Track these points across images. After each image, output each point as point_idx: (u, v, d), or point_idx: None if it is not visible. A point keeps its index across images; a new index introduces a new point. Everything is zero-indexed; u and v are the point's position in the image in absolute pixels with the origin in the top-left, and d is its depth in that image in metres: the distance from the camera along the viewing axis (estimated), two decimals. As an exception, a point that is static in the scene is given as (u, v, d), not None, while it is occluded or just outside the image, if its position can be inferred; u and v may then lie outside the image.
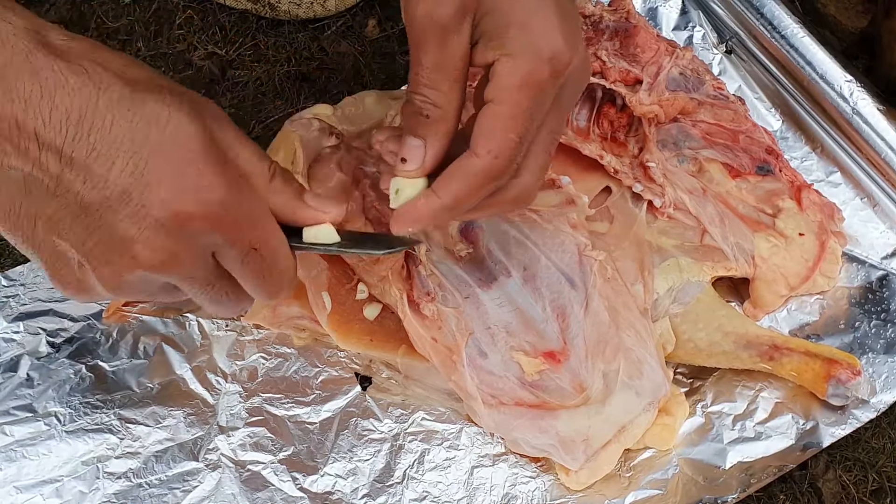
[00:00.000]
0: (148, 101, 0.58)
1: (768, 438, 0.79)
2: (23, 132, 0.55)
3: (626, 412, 0.76)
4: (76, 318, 0.85)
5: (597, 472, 0.77)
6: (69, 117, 0.56)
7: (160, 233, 0.58)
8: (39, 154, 0.56)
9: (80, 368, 0.82)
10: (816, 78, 0.95)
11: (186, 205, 0.58)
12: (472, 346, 0.77)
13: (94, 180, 0.57)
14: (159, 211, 0.57)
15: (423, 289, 0.78)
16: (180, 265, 0.59)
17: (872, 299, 0.86)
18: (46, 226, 0.58)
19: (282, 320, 0.83)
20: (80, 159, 0.56)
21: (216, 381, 0.82)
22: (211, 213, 0.58)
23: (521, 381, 0.77)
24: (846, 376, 0.78)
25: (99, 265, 0.59)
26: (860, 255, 0.89)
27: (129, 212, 0.57)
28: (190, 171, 0.58)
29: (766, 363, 0.79)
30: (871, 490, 0.80)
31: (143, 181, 0.57)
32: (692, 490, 0.77)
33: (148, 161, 0.57)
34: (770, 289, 0.84)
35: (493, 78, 0.65)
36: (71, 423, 0.80)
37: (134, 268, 0.59)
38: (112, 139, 0.56)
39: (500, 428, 0.77)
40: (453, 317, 0.78)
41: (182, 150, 0.58)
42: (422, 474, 0.78)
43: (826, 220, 0.87)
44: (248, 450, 0.79)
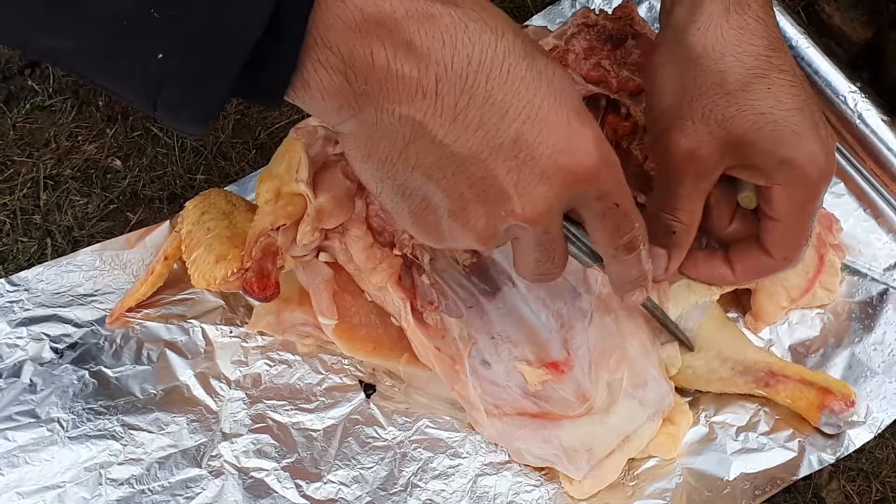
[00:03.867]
0: (536, 52, 0.59)
1: (771, 450, 0.79)
2: (422, 79, 0.56)
3: (630, 421, 0.76)
4: (80, 323, 0.85)
5: (601, 481, 0.76)
6: (470, 63, 0.56)
7: (544, 184, 0.59)
8: (435, 101, 0.56)
9: (84, 374, 0.82)
10: (821, 88, 0.95)
11: (576, 157, 0.59)
12: (476, 355, 0.77)
13: (486, 128, 0.57)
14: (546, 162, 0.58)
15: (427, 298, 0.78)
16: (550, 218, 0.61)
17: (873, 314, 0.86)
18: (425, 174, 0.59)
19: (286, 327, 0.83)
20: (475, 105, 0.57)
21: (220, 387, 0.82)
22: (594, 167, 0.59)
23: (523, 391, 0.77)
24: (839, 407, 0.78)
25: (474, 215, 0.60)
26: (862, 268, 0.88)
27: (517, 162, 0.58)
28: (575, 125, 0.59)
29: (762, 389, 0.79)
30: (875, 500, 0.80)
31: (535, 131, 0.58)
32: (696, 501, 0.77)
33: (538, 112, 0.58)
34: (771, 300, 0.84)
35: (774, 202, 0.73)
36: (74, 429, 0.80)
37: (509, 218, 0.60)
38: (508, 87, 0.57)
39: (503, 438, 0.77)
40: (456, 326, 0.78)
41: (567, 104, 0.59)
42: (425, 482, 0.78)
43: (825, 232, 0.87)
44: (251, 456, 0.79)
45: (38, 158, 0.94)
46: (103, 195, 0.93)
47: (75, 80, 0.98)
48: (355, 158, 0.61)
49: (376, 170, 0.60)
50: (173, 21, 0.51)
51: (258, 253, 0.76)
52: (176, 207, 0.91)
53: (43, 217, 0.91)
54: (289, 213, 0.77)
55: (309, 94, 0.56)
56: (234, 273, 0.77)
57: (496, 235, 0.61)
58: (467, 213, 0.60)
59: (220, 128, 0.96)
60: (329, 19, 0.53)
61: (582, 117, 0.60)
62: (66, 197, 0.93)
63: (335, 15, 0.53)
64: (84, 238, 0.90)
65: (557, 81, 0.59)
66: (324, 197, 0.78)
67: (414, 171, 0.59)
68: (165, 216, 0.91)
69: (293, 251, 0.79)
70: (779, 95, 0.70)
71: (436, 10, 0.55)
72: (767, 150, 0.71)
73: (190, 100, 0.54)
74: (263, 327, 0.83)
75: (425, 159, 0.58)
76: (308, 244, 0.79)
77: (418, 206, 0.61)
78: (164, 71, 0.52)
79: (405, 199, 0.61)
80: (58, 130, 0.96)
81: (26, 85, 0.99)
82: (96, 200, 0.92)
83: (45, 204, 0.92)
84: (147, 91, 0.53)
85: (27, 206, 0.92)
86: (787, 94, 0.71)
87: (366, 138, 0.59)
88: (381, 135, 0.58)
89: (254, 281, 0.75)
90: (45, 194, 0.92)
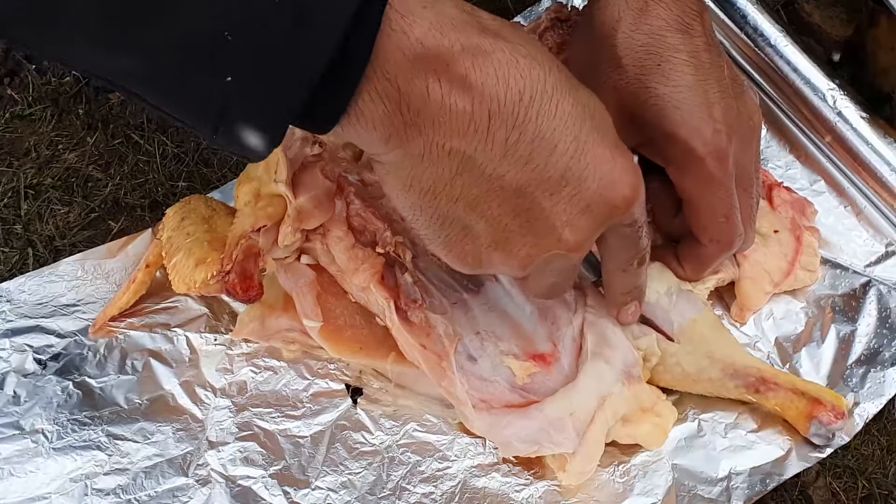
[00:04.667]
0: (579, 87, 0.60)
1: (760, 447, 0.79)
2: (475, 115, 0.56)
3: (599, 379, 0.76)
4: (63, 334, 0.84)
5: (589, 457, 0.76)
6: (521, 98, 0.57)
7: (588, 216, 0.61)
8: (486, 136, 0.57)
9: (68, 385, 0.82)
10: (800, 86, 0.95)
11: (619, 190, 0.61)
12: (462, 351, 0.77)
13: (535, 163, 0.58)
14: (592, 196, 0.60)
15: (410, 296, 0.78)
16: (588, 246, 0.63)
17: (856, 306, 0.87)
18: (469, 205, 0.60)
19: (271, 333, 0.83)
20: (525, 141, 0.57)
21: (205, 395, 0.82)
22: (632, 198, 0.62)
23: (511, 385, 0.77)
24: (828, 419, 0.78)
25: (517, 246, 0.61)
26: (844, 263, 0.89)
27: (565, 195, 0.59)
28: (618, 158, 0.61)
29: (752, 395, 0.79)
30: (861, 497, 0.80)
31: (581, 165, 0.59)
32: (685, 498, 0.77)
33: (585, 146, 0.59)
34: (755, 286, 0.84)
35: (676, 183, 0.75)
36: (58, 440, 0.79)
37: (552, 249, 0.62)
38: (557, 123, 0.58)
39: (492, 429, 0.77)
40: (442, 323, 0.78)
41: (609, 137, 0.61)
42: (414, 486, 0.78)
43: (798, 216, 0.87)
44: (238, 464, 0.79)
45: (19, 168, 0.94)
46: (84, 204, 0.92)
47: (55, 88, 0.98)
48: (394, 188, 0.61)
49: (417, 199, 0.61)
50: (246, 44, 0.51)
51: (240, 255, 0.76)
52: (158, 215, 0.90)
53: (24, 227, 0.91)
54: (269, 214, 0.77)
55: (362, 124, 0.56)
56: (214, 276, 0.77)
57: (536, 264, 0.63)
58: (510, 243, 0.62)
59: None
60: (390, 50, 0.54)
61: (622, 150, 0.62)
62: (47, 206, 0.92)
63: (396, 46, 0.54)
64: (66, 247, 0.90)
65: (599, 115, 0.61)
66: (304, 197, 0.78)
67: (458, 202, 0.60)
68: (147, 224, 0.90)
69: (275, 253, 0.79)
70: (667, 72, 0.73)
71: (489, 46, 0.56)
72: (653, 125, 0.73)
73: (252, 126, 0.53)
74: (248, 334, 0.83)
75: (471, 191, 0.59)
76: (290, 245, 0.79)
77: (457, 236, 0.62)
78: (230, 94, 0.52)
79: (444, 229, 0.62)
80: (38, 139, 0.96)
81: (5, 94, 0.99)
82: (77, 209, 0.92)
83: (26, 214, 0.91)
84: (210, 116, 0.53)
85: (8, 216, 0.91)
86: (678, 72, 0.73)
87: (410, 169, 0.59)
88: (427, 166, 0.58)
89: (237, 283, 0.75)
90: (26, 204, 0.92)
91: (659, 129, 0.73)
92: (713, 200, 0.75)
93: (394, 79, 0.54)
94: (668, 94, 0.73)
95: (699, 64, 0.74)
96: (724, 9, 0.99)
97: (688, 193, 0.75)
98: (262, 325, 0.82)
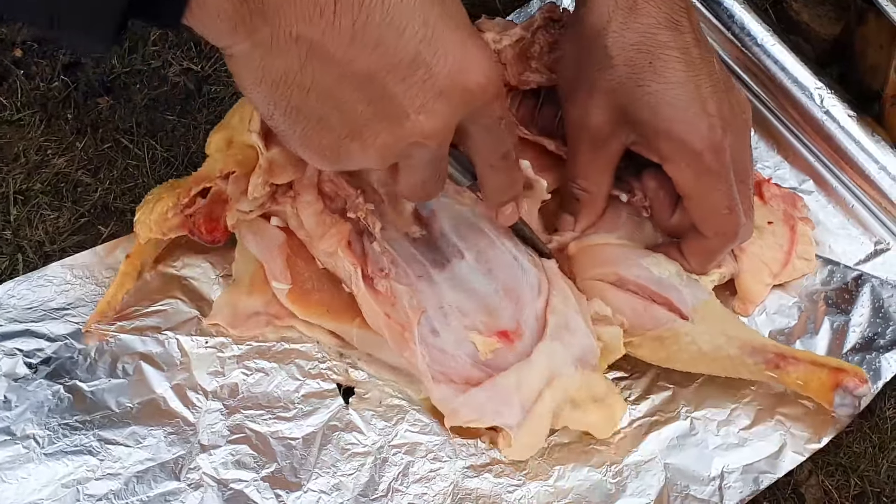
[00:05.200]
0: None
1: (752, 444, 0.79)
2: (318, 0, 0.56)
3: (551, 358, 0.76)
4: (53, 337, 0.84)
5: (534, 433, 0.75)
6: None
7: (442, 101, 0.60)
8: (333, 20, 0.57)
9: (59, 389, 0.81)
10: (788, 85, 0.95)
11: (473, 75, 0.60)
12: (425, 324, 0.77)
13: (384, 47, 0.58)
14: (445, 80, 0.60)
15: (377, 265, 0.78)
16: (446, 134, 0.62)
17: (849, 299, 0.87)
18: (321, 94, 0.59)
19: (244, 318, 0.83)
20: (373, 25, 0.57)
21: (197, 398, 0.82)
22: (488, 85, 0.61)
23: (473, 360, 0.77)
24: (854, 384, 0.77)
25: (372, 133, 0.61)
26: (835, 259, 0.89)
27: (417, 79, 0.59)
28: (470, 45, 0.60)
29: (772, 371, 0.78)
30: (854, 495, 0.80)
31: (432, 50, 0.59)
32: (678, 498, 0.77)
33: (435, 32, 0.59)
34: (755, 278, 0.85)
35: (673, 180, 0.76)
36: (50, 446, 0.79)
37: (408, 136, 0.61)
38: (404, 8, 0.57)
39: (445, 399, 0.77)
40: (406, 294, 0.78)
41: (462, 25, 0.60)
42: (406, 487, 0.78)
43: (790, 208, 0.88)
44: (230, 468, 0.78)
45: (8, 173, 0.93)
46: (74, 209, 0.92)
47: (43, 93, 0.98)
48: (246, 81, 0.61)
49: (269, 92, 0.60)
50: None
51: (209, 199, 0.77)
52: (148, 219, 0.90)
53: (13, 232, 0.90)
54: (238, 161, 0.78)
55: (206, 14, 0.55)
56: (171, 208, 0.78)
57: (394, 154, 0.63)
58: (366, 132, 0.61)
59: (190, 137, 0.95)
60: None
61: (475, 38, 0.61)
62: (37, 211, 0.92)
63: None
64: (55, 252, 0.89)
65: (450, 3, 0.60)
66: (276, 149, 0.78)
67: (310, 92, 0.59)
68: (137, 228, 0.90)
69: (241, 204, 0.79)
70: (659, 69, 0.73)
71: None
72: (647, 122, 0.74)
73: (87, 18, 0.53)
74: (220, 320, 0.83)
75: (322, 80, 0.59)
76: (258, 197, 0.79)
77: (313, 128, 0.62)
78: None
79: (299, 122, 0.61)
80: (27, 145, 0.95)
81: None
82: (67, 214, 0.92)
83: (16, 219, 0.91)
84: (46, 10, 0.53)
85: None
86: (670, 69, 0.74)
87: (259, 60, 0.59)
88: (276, 56, 0.58)
89: (201, 222, 0.77)
90: (16, 209, 0.92)
91: (654, 127, 0.74)
92: (714, 194, 0.75)
93: None
94: (661, 91, 0.73)
95: (690, 60, 0.74)
96: (710, 8, 0.99)
97: (688, 189, 0.76)
98: (235, 309, 0.83)
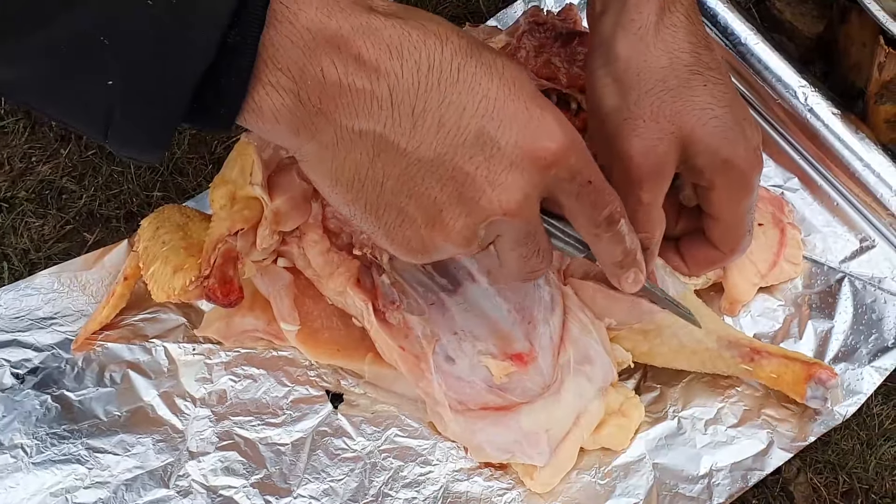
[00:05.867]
0: (482, 49, 0.59)
1: (740, 442, 0.79)
2: (375, 91, 0.56)
3: (580, 397, 0.77)
4: (40, 347, 0.84)
5: (559, 469, 0.77)
6: (419, 69, 0.56)
7: (514, 173, 0.59)
8: (392, 111, 0.56)
9: (46, 399, 0.81)
10: (772, 83, 0.96)
11: (540, 141, 0.59)
12: (440, 352, 0.77)
13: (446, 128, 0.57)
14: (513, 151, 0.59)
15: (388, 297, 0.78)
16: (528, 207, 0.61)
17: (832, 303, 0.87)
18: (395, 186, 0.59)
19: (235, 333, 0.83)
20: (432, 109, 0.57)
21: (185, 405, 0.82)
22: (560, 149, 0.60)
23: (488, 385, 0.77)
24: (826, 375, 0.78)
25: (452, 217, 0.60)
26: (819, 259, 0.89)
27: (485, 156, 0.58)
28: (534, 110, 0.59)
29: (747, 364, 0.79)
30: (842, 492, 0.80)
31: (495, 123, 0.58)
32: (667, 497, 0.77)
33: (496, 104, 0.58)
34: (742, 276, 0.85)
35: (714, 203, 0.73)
36: (38, 455, 0.79)
37: (490, 214, 0.60)
38: (461, 86, 0.57)
39: (465, 433, 0.77)
40: (419, 324, 0.78)
41: (523, 92, 0.59)
42: (396, 491, 0.78)
43: (777, 212, 0.88)
44: (219, 474, 0.78)
45: (-8, 181, 0.93)
46: (59, 216, 0.92)
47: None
48: (323, 185, 0.61)
49: (346, 192, 0.60)
50: (122, 46, 0.51)
51: (219, 259, 0.76)
52: (133, 226, 0.90)
53: (-2, 241, 0.90)
54: (245, 217, 0.77)
55: (262, 119, 0.56)
56: (192, 281, 0.77)
57: (477, 235, 0.61)
58: (444, 217, 0.60)
59: (175, 143, 0.95)
60: (278, 40, 0.54)
61: (539, 101, 0.60)
62: (22, 219, 0.91)
63: (284, 36, 0.54)
64: (41, 260, 0.89)
65: (508, 72, 0.59)
66: (280, 199, 0.78)
67: (384, 185, 0.59)
68: (123, 235, 0.90)
69: (253, 255, 0.79)
70: (714, 92, 0.71)
71: (379, 24, 0.56)
72: (712, 149, 0.71)
73: (140, 128, 0.54)
74: (213, 332, 0.83)
75: (393, 171, 0.58)
76: (267, 248, 0.79)
77: (394, 222, 0.61)
78: (113, 98, 0.52)
79: (381, 218, 0.61)
80: (11, 152, 0.95)
81: (-24, 108, 0.98)
82: (52, 222, 0.91)
83: (1, 227, 0.91)
84: (97, 120, 0.53)
85: (-19, 231, 0.91)
86: (720, 90, 0.71)
87: (329, 161, 0.59)
88: (345, 154, 0.58)
89: (216, 287, 0.75)
90: (0, 217, 0.91)
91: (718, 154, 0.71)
92: (745, 215, 0.74)
93: (286, 69, 0.54)
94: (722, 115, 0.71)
95: (728, 80, 0.73)
96: (694, 9, 0.99)
97: (723, 209, 0.74)
98: (228, 324, 0.83)
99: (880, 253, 0.90)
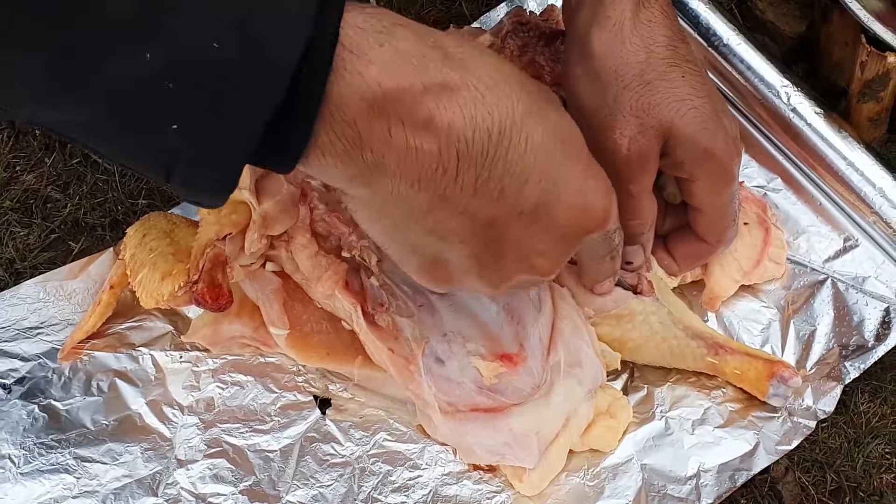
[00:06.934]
0: (549, 111, 0.59)
1: (727, 443, 0.79)
2: (443, 156, 0.55)
3: (570, 400, 0.77)
4: (27, 357, 0.83)
5: (548, 472, 0.77)
6: (490, 136, 0.56)
7: (562, 244, 0.61)
8: (456, 176, 0.56)
9: (33, 409, 0.81)
10: (755, 83, 0.96)
11: (592, 213, 0.61)
12: (429, 353, 0.77)
13: (506, 198, 0.58)
14: (566, 223, 0.60)
15: (377, 300, 0.78)
16: (561, 267, 0.63)
17: (814, 305, 0.87)
18: (441, 239, 0.60)
19: (222, 339, 0.83)
20: (495, 178, 0.57)
21: (172, 413, 0.81)
22: (606, 216, 0.62)
23: (478, 386, 0.77)
24: (788, 373, 0.79)
25: (489, 272, 0.62)
26: (803, 259, 0.90)
27: (539, 227, 0.59)
28: (589, 181, 0.61)
29: (713, 358, 0.80)
30: (831, 490, 0.81)
31: (554, 196, 0.59)
32: (656, 498, 0.77)
33: (557, 177, 0.59)
34: (724, 272, 0.85)
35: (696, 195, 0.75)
36: (26, 465, 0.79)
37: (526, 276, 0.62)
38: (527, 157, 0.57)
39: (454, 436, 0.77)
40: (409, 326, 0.78)
41: (581, 160, 0.61)
42: (385, 496, 0.78)
43: (761, 213, 0.89)
44: (207, 482, 0.78)
45: (-24, 191, 0.93)
46: (44, 225, 0.91)
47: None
48: (364, 219, 0.61)
49: (388, 230, 0.60)
50: (188, 91, 0.49)
51: (207, 264, 0.75)
52: (119, 234, 0.90)
53: (-17, 251, 0.90)
54: (233, 221, 0.77)
55: (324, 164, 0.54)
56: (181, 287, 0.77)
57: (507, 286, 0.64)
58: (482, 270, 0.62)
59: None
60: (346, 92, 0.52)
61: (593, 169, 0.61)
62: (6, 228, 0.91)
63: (352, 90, 0.52)
64: (26, 270, 0.89)
65: (569, 138, 0.60)
66: (268, 203, 0.78)
67: (430, 236, 0.59)
68: (108, 243, 0.90)
69: (241, 260, 0.79)
70: (692, 83, 0.72)
71: (454, 82, 0.55)
72: (692, 139, 0.72)
73: (205, 172, 0.52)
74: (199, 339, 0.83)
75: (445, 225, 0.59)
76: (256, 252, 0.79)
77: (429, 262, 0.62)
78: (178, 143, 0.50)
79: (415, 256, 0.62)
80: (-6, 162, 0.95)
81: (-41, 118, 0.98)
82: (37, 231, 0.91)
83: (-15, 237, 0.91)
84: (161, 163, 0.51)
85: (-34, 241, 0.91)
86: (697, 81, 0.73)
87: (379, 205, 0.58)
88: (396, 204, 0.57)
89: (205, 292, 0.75)
90: (-15, 227, 0.91)
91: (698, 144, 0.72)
92: (730, 206, 0.76)
93: (352, 122, 0.53)
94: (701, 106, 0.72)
95: (704, 73, 0.74)
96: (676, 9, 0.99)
97: (705, 200, 0.75)
98: (215, 330, 0.82)
99: (864, 252, 0.90)
